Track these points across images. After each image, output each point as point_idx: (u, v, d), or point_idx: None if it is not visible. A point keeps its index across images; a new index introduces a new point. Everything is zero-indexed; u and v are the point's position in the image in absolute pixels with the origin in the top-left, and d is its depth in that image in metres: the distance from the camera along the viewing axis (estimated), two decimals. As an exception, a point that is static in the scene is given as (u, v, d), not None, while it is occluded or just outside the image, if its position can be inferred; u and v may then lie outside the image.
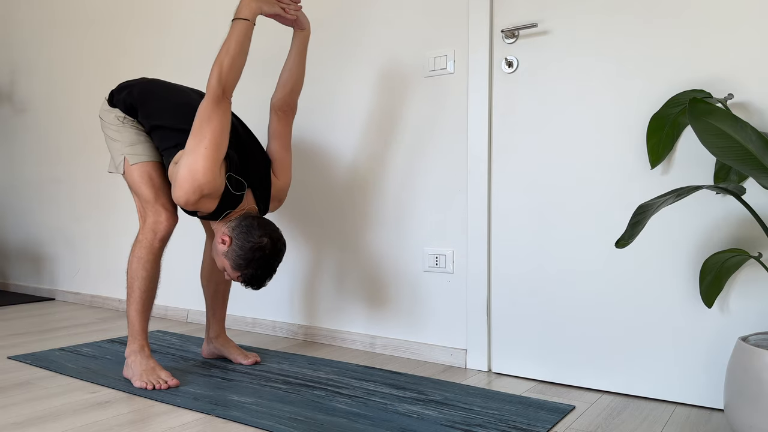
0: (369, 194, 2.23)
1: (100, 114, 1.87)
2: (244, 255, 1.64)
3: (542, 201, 1.84)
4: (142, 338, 1.77)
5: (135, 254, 1.76)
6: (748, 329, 1.53)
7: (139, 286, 1.75)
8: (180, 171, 1.60)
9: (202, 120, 1.60)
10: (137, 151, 1.79)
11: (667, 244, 1.64)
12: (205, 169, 1.58)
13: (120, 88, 1.84)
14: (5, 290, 3.74)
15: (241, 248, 1.64)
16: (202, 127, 1.60)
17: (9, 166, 3.74)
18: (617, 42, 1.71)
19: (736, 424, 1.24)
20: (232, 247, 1.65)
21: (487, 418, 1.49)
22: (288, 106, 1.86)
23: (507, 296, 1.91)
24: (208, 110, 1.60)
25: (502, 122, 1.92)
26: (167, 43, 2.86)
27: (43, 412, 1.53)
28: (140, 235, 1.77)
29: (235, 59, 1.61)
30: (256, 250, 1.64)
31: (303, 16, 1.82)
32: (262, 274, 1.67)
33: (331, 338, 2.31)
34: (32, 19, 3.56)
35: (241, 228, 1.66)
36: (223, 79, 1.60)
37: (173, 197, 1.62)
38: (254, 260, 1.64)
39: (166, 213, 1.77)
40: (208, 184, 1.59)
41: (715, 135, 1.19)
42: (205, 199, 1.62)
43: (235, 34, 1.62)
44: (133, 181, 1.79)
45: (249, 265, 1.65)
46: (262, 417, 1.48)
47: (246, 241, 1.64)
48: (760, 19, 1.51)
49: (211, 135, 1.59)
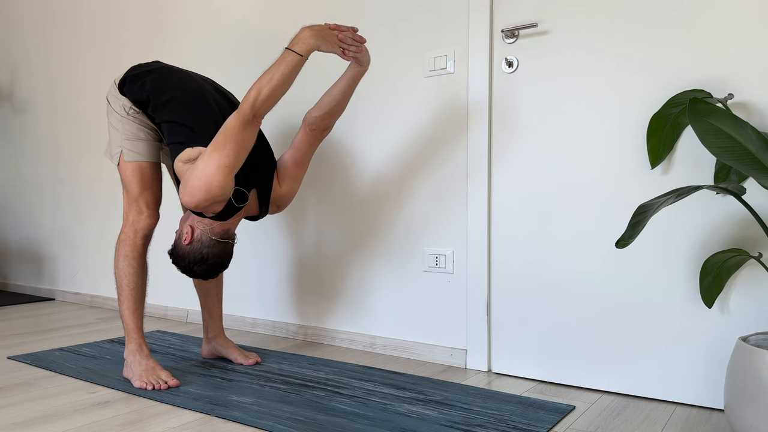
0: (369, 194, 2.23)
1: (108, 97, 1.85)
2: (187, 255, 1.70)
3: (542, 201, 1.84)
4: (139, 336, 1.77)
5: (120, 252, 1.80)
6: (748, 329, 1.53)
7: (128, 283, 1.77)
8: (194, 178, 1.58)
9: (227, 135, 1.58)
10: (135, 147, 1.80)
11: (667, 244, 1.64)
12: (220, 184, 1.58)
13: (134, 77, 1.79)
14: (5, 290, 3.74)
15: (191, 251, 1.70)
16: (226, 142, 1.58)
17: (9, 166, 3.74)
18: (617, 42, 1.71)
19: (736, 424, 1.24)
20: (191, 244, 1.71)
21: (487, 418, 1.49)
22: (323, 127, 1.83)
23: (507, 296, 1.91)
24: (235, 129, 1.58)
25: (502, 122, 1.92)
26: (166, 42, 2.86)
27: (43, 412, 1.53)
28: (122, 234, 1.80)
29: (275, 90, 1.57)
30: (197, 256, 1.70)
31: (365, 55, 1.72)
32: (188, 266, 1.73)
33: (331, 338, 2.31)
34: (32, 20, 3.56)
35: (205, 236, 1.70)
36: (257, 106, 1.57)
37: (182, 199, 1.62)
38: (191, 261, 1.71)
39: (147, 211, 1.81)
40: (221, 195, 1.60)
41: (715, 135, 1.19)
42: (213, 205, 1.63)
43: (283, 66, 1.56)
44: (124, 175, 1.82)
45: (185, 260, 1.71)
46: (261, 417, 1.48)
47: (195, 250, 1.70)
48: (761, 19, 1.51)
49: (234, 153, 1.58)
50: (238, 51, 2.60)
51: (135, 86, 1.78)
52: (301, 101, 2.41)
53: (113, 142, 1.83)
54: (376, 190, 2.21)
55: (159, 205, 1.86)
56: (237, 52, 2.60)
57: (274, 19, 2.47)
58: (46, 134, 3.47)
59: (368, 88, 2.22)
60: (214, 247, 1.70)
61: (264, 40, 2.51)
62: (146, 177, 1.81)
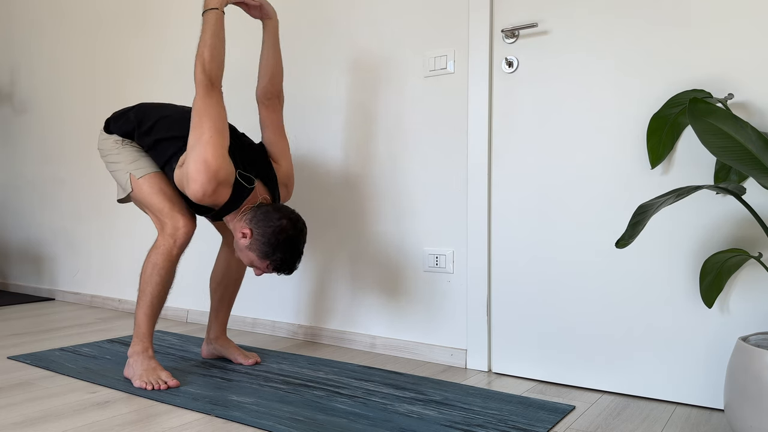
0: (369, 194, 2.23)
1: (99, 145, 1.89)
2: (268, 241, 1.65)
3: (542, 201, 1.84)
4: (147, 341, 1.77)
5: (151, 260, 1.74)
6: (748, 329, 1.53)
7: (151, 291, 1.74)
8: (190, 166, 1.61)
9: (198, 113, 1.63)
10: (141, 165, 1.81)
11: (667, 244, 1.64)
12: (215, 155, 1.60)
13: (117, 116, 1.86)
14: (5, 290, 3.74)
15: (263, 235, 1.65)
16: (201, 120, 1.62)
17: (9, 166, 3.74)
18: (617, 42, 1.71)
19: (736, 424, 1.24)
20: (254, 237, 1.66)
21: (487, 418, 1.49)
22: (272, 93, 1.88)
23: (507, 296, 1.91)
24: (201, 103, 1.63)
25: (502, 122, 1.92)
26: (166, 43, 2.86)
27: (43, 412, 1.53)
28: (159, 240, 1.75)
29: (213, 49, 1.65)
30: (279, 234, 1.65)
31: (267, 5, 1.87)
32: (291, 257, 1.68)
33: (330, 338, 2.31)
34: (33, 19, 3.56)
35: (258, 217, 1.67)
36: (207, 69, 1.64)
37: (190, 193, 1.63)
38: (279, 244, 1.65)
39: (183, 219, 1.75)
40: (222, 169, 1.61)
41: (715, 135, 1.19)
42: (221, 188, 1.63)
43: (209, 26, 1.67)
44: (144, 194, 1.78)
45: (276, 250, 1.65)
46: (261, 417, 1.48)
47: (266, 227, 1.65)
48: (761, 19, 1.51)
49: (211, 123, 1.62)
50: (238, 50, 2.60)
51: (120, 122, 1.84)
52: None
53: (120, 176, 1.83)
54: (376, 189, 2.21)
55: (194, 214, 1.81)
56: (237, 51, 2.60)
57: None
58: (47, 134, 3.47)
59: (368, 88, 2.22)
60: (273, 213, 1.67)
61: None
62: (164, 188, 1.79)
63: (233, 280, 1.99)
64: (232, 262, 1.98)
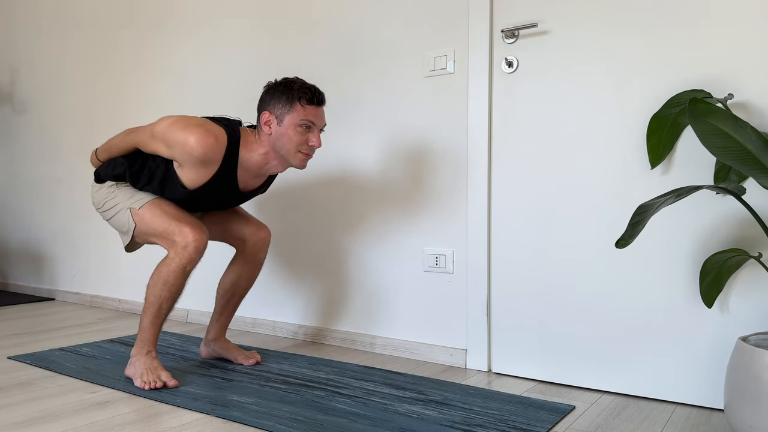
0: (369, 194, 2.23)
1: (93, 199, 1.90)
2: (281, 91, 1.67)
3: (542, 201, 1.84)
4: (151, 345, 1.76)
5: (162, 276, 1.70)
6: (748, 329, 1.53)
7: (160, 304, 1.73)
8: (176, 135, 1.64)
9: (130, 131, 1.78)
10: (139, 197, 1.81)
11: (667, 244, 1.64)
12: (180, 116, 1.67)
13: (104, 166, 1.88)
14: (5, 290, 3.74)
15: (273, 95, 1.68)
16: (138, 128, 1.78)
17: (9, 166, 3.74)
18: (617, 42, 1.71)
19: (736, 424, 1.24)
20: (272, 107, 1.68)
21: (487, 418, 1.49)
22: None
23: (507, 296, 1.91)
24: (123, 136, 1.80)
25: (502, 122, 1.92)
26: (166, 43, 2.86)
27: (43, 412, 1.53)
28: (171, 254, 1.71)
29: (110, 155, 1.86)
30: (281, 82, 1.69)
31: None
32: (307, 83, 1.70)
33: (330, 338, 2.31)
34: (33, 20, 3.56)
35: (264, 104, 1.70)
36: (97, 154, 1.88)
37: (196, 155, 1.63)
38: (289, 82, 1.68)
39: (194, 232, 1.70)
40: (194, 117, 1.66)
41: (715, 135, 1.19)
42: (214, 131, 1.64)
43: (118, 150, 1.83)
44: (147, 222, 1.75)
45: (291, 86, 1.67)
46: (262, 417, 1.48)
47: (276, 93, 1.68)
48: (761, 19, 1.51)
49: (148, 125, 1.74)
50: (238, 50, 2.60)
51: (108, 169, 1.86)
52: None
53: (121, 217, 1.81)
54: (376, 190, 2.21)
55: (204, 227, 1.77)
56: (237, 51, 2.60)
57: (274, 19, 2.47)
58: (46, 134, 3.47)
59: (368, 88, 2.22)
60: (272, 87, 1.70)
61: (264, 39, 2.51)
62: (167, 207, 1.77)
63: (241, 289, 2.00)
64: (243, 273, 1.97)
